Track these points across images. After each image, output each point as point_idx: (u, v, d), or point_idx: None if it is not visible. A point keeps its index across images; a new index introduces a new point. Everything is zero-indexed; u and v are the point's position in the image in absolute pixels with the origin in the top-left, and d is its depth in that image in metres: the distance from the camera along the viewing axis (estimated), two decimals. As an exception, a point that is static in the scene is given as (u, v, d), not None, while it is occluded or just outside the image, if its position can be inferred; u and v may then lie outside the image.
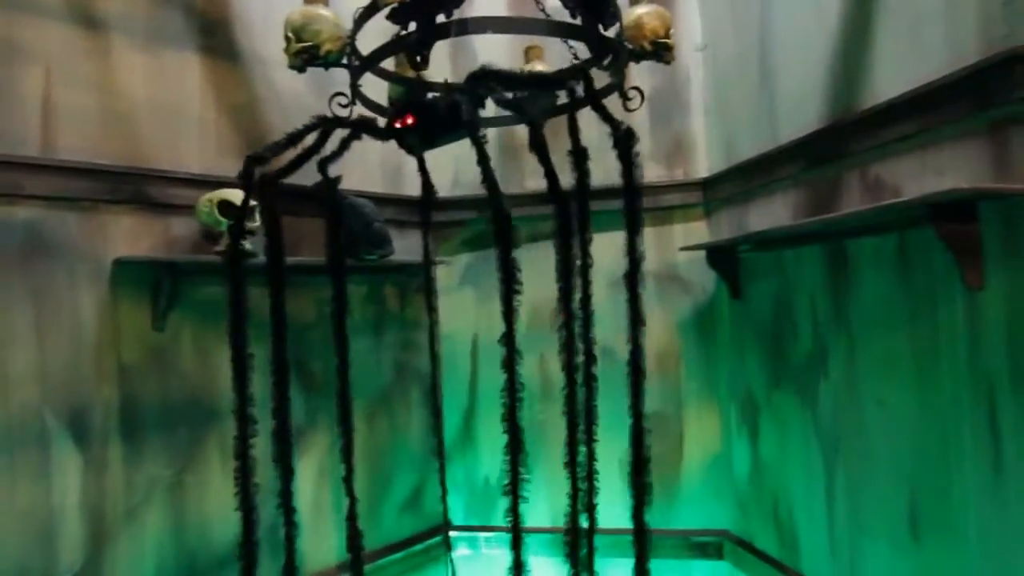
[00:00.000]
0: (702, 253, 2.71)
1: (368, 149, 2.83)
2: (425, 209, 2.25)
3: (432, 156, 3.01)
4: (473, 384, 3.06)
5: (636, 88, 1.87)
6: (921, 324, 1.80)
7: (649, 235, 2.90)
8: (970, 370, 1.66)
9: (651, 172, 2.84)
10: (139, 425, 2.01)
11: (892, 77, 1.85)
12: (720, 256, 2.57)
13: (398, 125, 1.69)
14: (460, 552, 2.97)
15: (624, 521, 2.84)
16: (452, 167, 3.03)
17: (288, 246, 2.37)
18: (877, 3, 1.91)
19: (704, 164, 2.84)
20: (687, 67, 2.86)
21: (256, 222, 2.19)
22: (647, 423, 1.70)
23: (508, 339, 1.48)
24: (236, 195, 2.21)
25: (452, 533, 2.96)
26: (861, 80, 1.98)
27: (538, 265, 3.11)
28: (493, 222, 1.45)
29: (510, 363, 1.49)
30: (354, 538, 1.92)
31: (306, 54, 1.77)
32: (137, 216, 2.04)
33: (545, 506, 2.95)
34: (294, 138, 1.65)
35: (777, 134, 2.36)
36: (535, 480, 2.86)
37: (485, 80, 1.48)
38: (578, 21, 1.73)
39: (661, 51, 1.91)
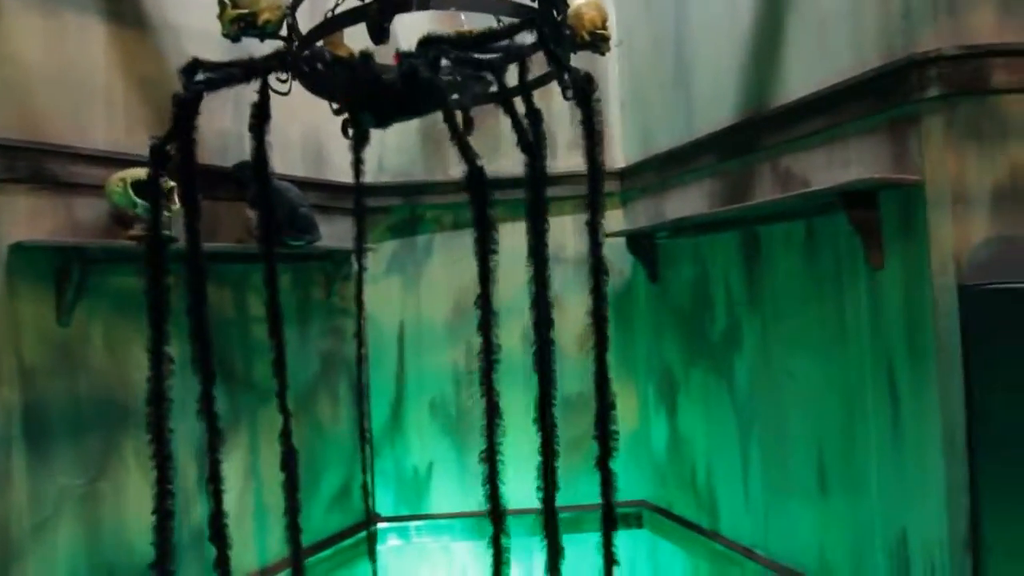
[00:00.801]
0: (620, 240, 2.84)
1: (289, 131, 2.70)
2: (359, 195, 2.17)
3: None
4: (400, 373, 3.03)
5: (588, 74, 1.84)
6: (828, 301, 2.01)
7: (569, 223, 2.99)
8: (872, 341, 1.88)
9: (571, 161, 2.93)
10: (45, 431, 1.81)
11: (802, 77, 2.04)
12: (639, 242, 2.72)
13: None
14: (390, 543, 2.94)
15: (530, 501, 2.94)
16: (376, 152, 2.96)
17: (205, 231, 2.23)
18: (787, 7, 2.09)
19: (620, 155, 2.98)
20: (603, 61, 2.97)
21: (176, 204, 2.03)
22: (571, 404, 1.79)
23: (484, 304, 1.50)
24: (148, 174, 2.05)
25: (381, 524, 2.92)
26: (773, 78, 2.16)
27: (461, 253, 3.13)
28: (468, 184, 1.46)
29: (486, 345, 1.50)
30: (295, 539, 1.85)
31: (242, 22, 1.66)
32: (36, 196, 1.82)
33: (480, 492, 2.97)
34: (243, 68, 1.54)
35: (693, 127, 2.52)
36: (467, 467, 2.90)
37: (436, 44, 1.46)
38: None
39: (598, 42, 1.97)
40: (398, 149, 3.02)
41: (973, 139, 1.69)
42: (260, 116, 1.65)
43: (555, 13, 1.69)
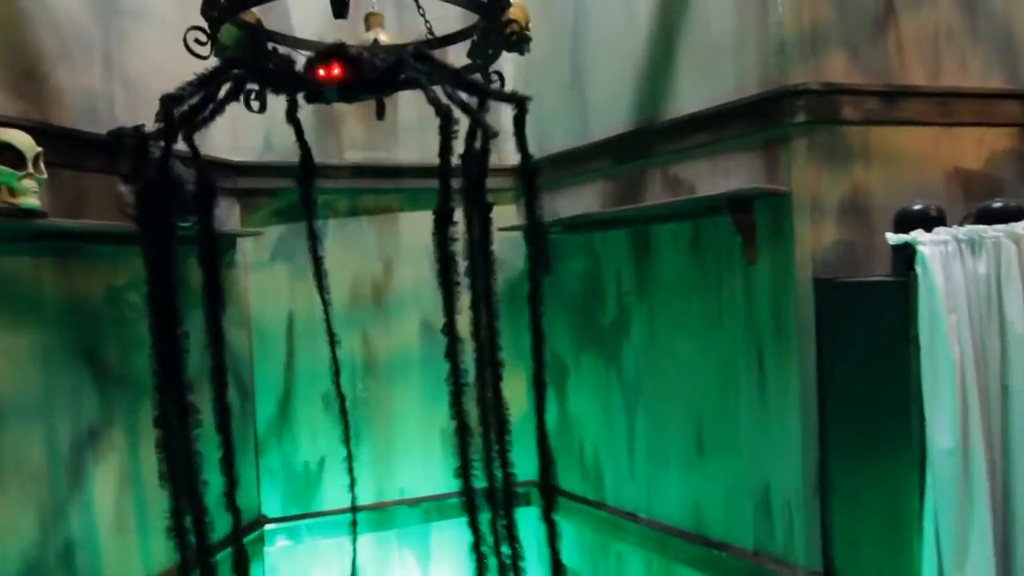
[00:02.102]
0: (513, 233, 3.04)
1: (154, 94, 2.53)
2: (307, 177, 2.14)
3: (239, 117, 2.82)
4: (289, 366, 2.94)
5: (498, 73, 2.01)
6: (709, 291, 2.36)
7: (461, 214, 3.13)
8: (745, 323, 2.25)
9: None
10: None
11: (690, 95, 2.38)
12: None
13: (323, 74, 1.63)
14: (279, 544, 2.85)
15: (447, 487, 3.06)
16: (262, 128, 2.86)
17: (68, 205, 2.07)
18: (680, 32, 2.42)
19: (513, 151, 3.17)
20: (500, 58, 3.16)
21: (43, 175, 1.87)
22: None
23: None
24: (18, 137, 1.86)
25: (269, 526, 2.83)
26: (665, 93, 2.48)
27: (357, 240, 3.12)
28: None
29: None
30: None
31: None
32: None
33: (373, 484, 3.00)
34: (206, 81, 1.51)
35: (588, 131, 2.79)
36: (362, 460, 2.91)
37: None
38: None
39: (521, 43, 2.11)
40: (287, 127, 2.93)
41: (826, 160, 2.11)
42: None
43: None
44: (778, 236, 2.14)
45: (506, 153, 3.19)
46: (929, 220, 1.88)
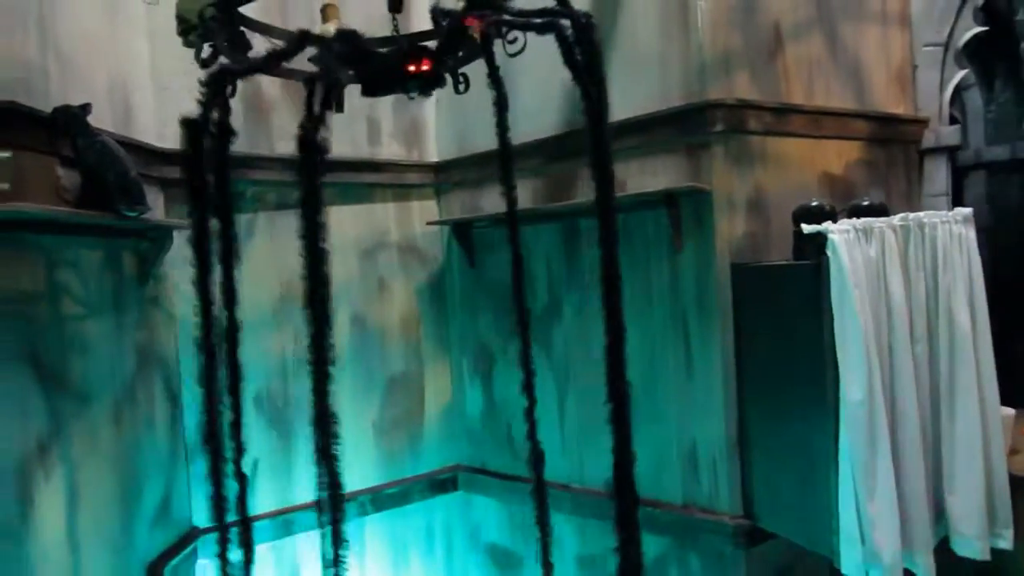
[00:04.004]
0: (435, 228, 3.15)
1: (94, 78, 2.32)
2: (313, 166, 1.98)
3: (163, 101, 2.64)
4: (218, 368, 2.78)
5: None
6: (637, 277, 2.67)
7: (391, 210, 3.18)
8: (672, 304, 2.59)
9: (393, 150, 3.12)
10: None
11: (619, 103, 2.63)
12: (460, 231, 3.07)
13: (413, 68, 1.64)
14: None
15: (375, 479, 3.09)
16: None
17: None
18: (608, 46, 2.70)
19: (434, 149, 3.27)
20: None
21: (7, 152, 1.69)
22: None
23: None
24: None
25: (201, 537, 2.66)
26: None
27: (287, 235, 2.99)
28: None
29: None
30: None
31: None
32: None
33: (309, 482, 2.92)
34: (276, 57, 1.47)
35: (515, 132, 2.96)
36: (295, 461, 2.83)
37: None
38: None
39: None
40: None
41: (737, 164, 2.51)
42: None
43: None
44: (700, 228, 2.51)
45: (426, 152, 3.29)
46: (824, 214, 2.33)
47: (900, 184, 3.04)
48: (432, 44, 1.91)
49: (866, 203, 2.48)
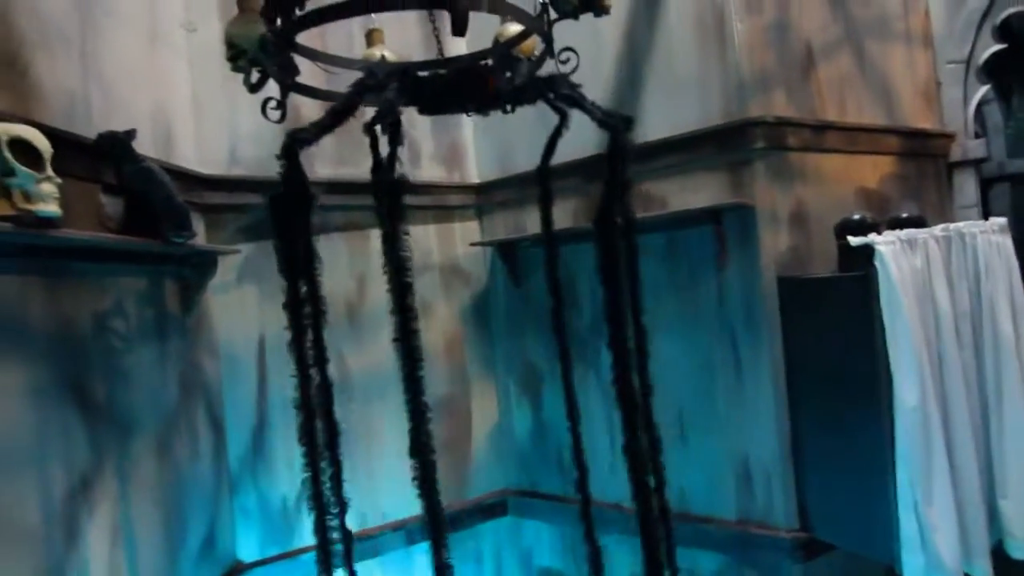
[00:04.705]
0: (478, 249, 3.23)
1: (136, 104, 2.40)
2: (391, 191, 2.00)
3: (203, 127, 2.73)
4: (262, 393, 2.83)
5: (570, 49, 1.97)
6: (684, 293, 2.75)
7: (433, 232, 3.27)
8: (719, 319, 2.66)
9: (433, 172, 3.22)
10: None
11: (658, 123, 2.77)
12: (505, 251, 3.15)
13: (474, 88, 1.73)
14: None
15: (409, 510, 3.09)
16: (228, 141, 2.79)
17: None
18: (646, 67, 2.81)
19: (475, 170, 3.38)
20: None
21: (57, 178, 1.75)
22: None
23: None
24: (36, 134, 1.74)
25: (246, 572, 2.68)
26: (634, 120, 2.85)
27: (329, 258, 3.06)
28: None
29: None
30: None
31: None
32: None
33: (356, 510, 2.96)
34: (340, 114, 1.56)
35: (557, 152, 3.07)
36: (362, 481, 2.87)
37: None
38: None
39: (591, 1, 1.90)
40: (254, 139, 2.83)
41: (778, 180, 2.61)
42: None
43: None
44: (745, 243, 2.59)
45: (467, 174, 3.40)
46: (868, 227, 2.42)
47: (932, 196, 3.14)
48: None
49: (905, 215, 2.57)
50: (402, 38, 2.87)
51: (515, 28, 2.30)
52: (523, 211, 3.24)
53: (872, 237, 2.24)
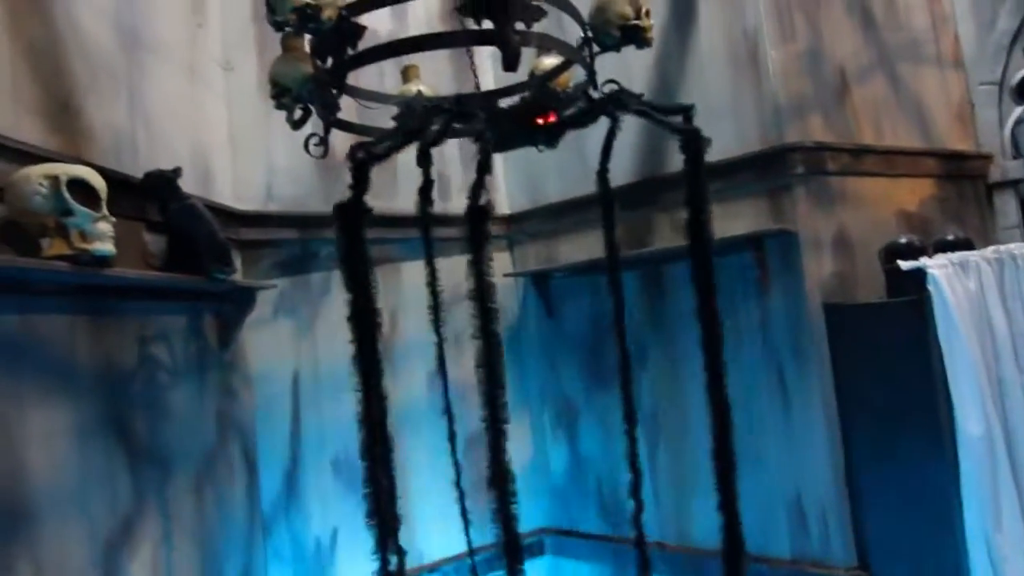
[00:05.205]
0: (509, 280, 3.21)
1: (176, 141, 2.43)
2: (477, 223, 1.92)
3: (239, 163, 2.75)
4: (295, 431, 2.79)
5: (613, 81, 1.98)
6: (726, 319, 2.69)
7: (464, 263, 3.24)
8: (763, 348, 2.61)
9: (463, 204, 3.21)
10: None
11: (693, 151, 2.76)
12: (538, 282, 3.13)
13: (540, 121, 1.73)
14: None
15: (458, 547, 3.02)
16: (264, 178, 2.81)
17: None
18: (679, 96, 2.81)
19: (505, 201, 3.38)
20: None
21: (111, 218, 1.76)
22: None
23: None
24: (93, 174, 1.76)
25: None
26: (665, 149, 2.84)
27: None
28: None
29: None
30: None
31: (305, 11, 1.64)
32: None
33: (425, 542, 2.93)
34: (411, 134, 1.57)
35: (588, 182, 3.06)
36: (434, 510, 2.80)
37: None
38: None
39: (633, 35, 1.90)
40: (291, 176, 2.87)
41: (819, 205, 2.58)
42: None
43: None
44: (787, 269, 2.55)
45: (497, 203, 3.39)
46: (916, 251, 2.38)
47: (973, 218, 3.10)
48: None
49: (951, 238, 2.53)
50: (435, 73, 2.90)
51: (550, 61, 2.34)
52: (555, 242, 3.23)
53: (924, 261, 2.20)
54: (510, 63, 1.65)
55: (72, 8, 1.99)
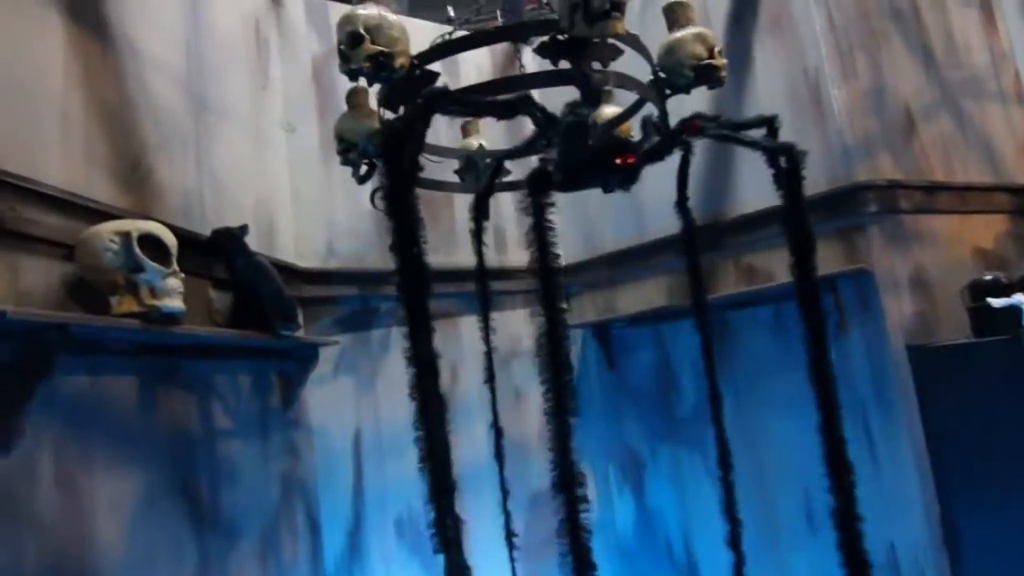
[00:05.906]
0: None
1: (242, 197, 2.48)
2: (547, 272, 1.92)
3: (301, 220, 2.80)
4: (358, 491, 2.75)
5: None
6: (797, 367, 2.60)
7: (522, 317, 3.23)
8: (844, 395, 2.49)
9: (519, 257, 3.22)
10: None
11: (755, 195, 2.73)
12: (598, 332, 3.08)
13: (619, 162, 1.74)
14: None
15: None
16: (324, 235, 2.85)
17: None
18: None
19: (561, 253, 3.36)
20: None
21: (181, 274, 1.79)
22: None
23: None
24: (161, 229, 1.79)
25: None
26: (726, 192, 2.83)
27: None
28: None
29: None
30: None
31: (381, 58, 1.67)
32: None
33: None
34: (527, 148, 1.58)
35: (644, 231, 3.05)
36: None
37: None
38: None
39: (706, 74, 1.92)
40: (350, 232, 2.92)
41: (893, 244, 2.51)
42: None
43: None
44: (865, 311, 2.47)
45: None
46: (1005, 288, 2.29)
47: (1049, 255, 2.99)
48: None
49: (988, 278, 2.43)
50: (489, 127, 2.95)
51: (612, 110, 2.37)
52: (613, 291, 3.19)
53: (1016, 298, 2.11)
54: (591, 101, 1.66)
55: (144, 72, 2.08)
